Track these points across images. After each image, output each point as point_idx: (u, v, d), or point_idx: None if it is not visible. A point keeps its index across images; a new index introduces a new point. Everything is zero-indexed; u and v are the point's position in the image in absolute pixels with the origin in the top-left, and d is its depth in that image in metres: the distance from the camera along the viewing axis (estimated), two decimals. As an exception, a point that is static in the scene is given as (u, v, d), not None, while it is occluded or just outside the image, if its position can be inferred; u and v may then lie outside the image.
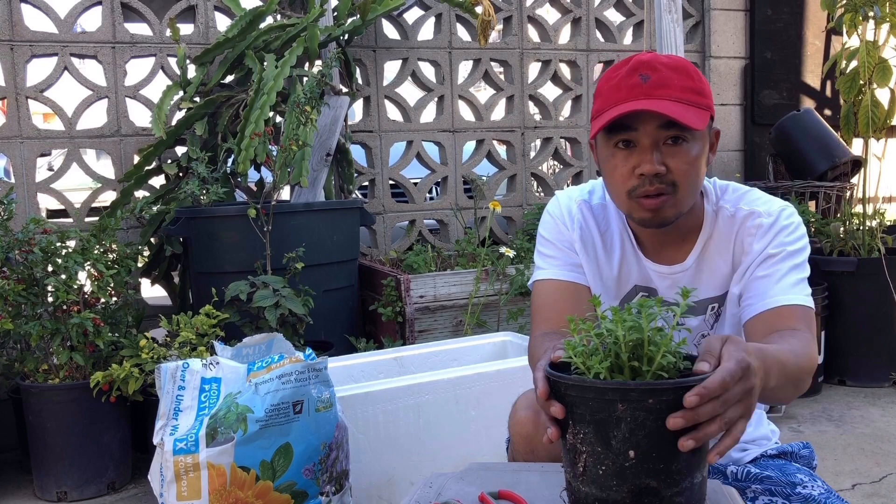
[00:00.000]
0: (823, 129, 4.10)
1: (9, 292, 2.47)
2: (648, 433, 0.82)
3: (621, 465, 0.83)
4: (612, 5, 4.18)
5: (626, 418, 0.82)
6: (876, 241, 3.40)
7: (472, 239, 3.48)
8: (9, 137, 3.09)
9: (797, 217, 1.33)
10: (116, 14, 3.22)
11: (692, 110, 1.19)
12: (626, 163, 1.23)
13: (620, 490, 0.84)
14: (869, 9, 3.34)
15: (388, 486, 2.05)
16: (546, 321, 1.38)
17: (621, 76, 1.22)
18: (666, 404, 0.81)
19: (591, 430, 0.85)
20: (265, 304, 2.51)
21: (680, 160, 1.22)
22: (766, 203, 1.34)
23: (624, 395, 0.82)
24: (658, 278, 1.38)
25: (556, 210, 1.45)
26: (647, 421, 0.82)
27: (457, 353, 2.50)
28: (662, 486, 0.83)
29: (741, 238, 1.32)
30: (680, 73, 1.21)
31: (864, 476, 2.48)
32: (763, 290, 1.26)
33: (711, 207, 1.35)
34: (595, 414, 0.84)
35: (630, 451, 0.83)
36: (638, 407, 0.82)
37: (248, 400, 1.68)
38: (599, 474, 0.85)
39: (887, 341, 3.41)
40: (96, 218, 3.10)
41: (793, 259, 1.28)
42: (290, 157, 2.75)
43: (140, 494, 2.58)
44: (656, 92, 1.19)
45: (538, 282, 1.44)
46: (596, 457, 0.85)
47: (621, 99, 1.20)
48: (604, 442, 0.84)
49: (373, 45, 3.65)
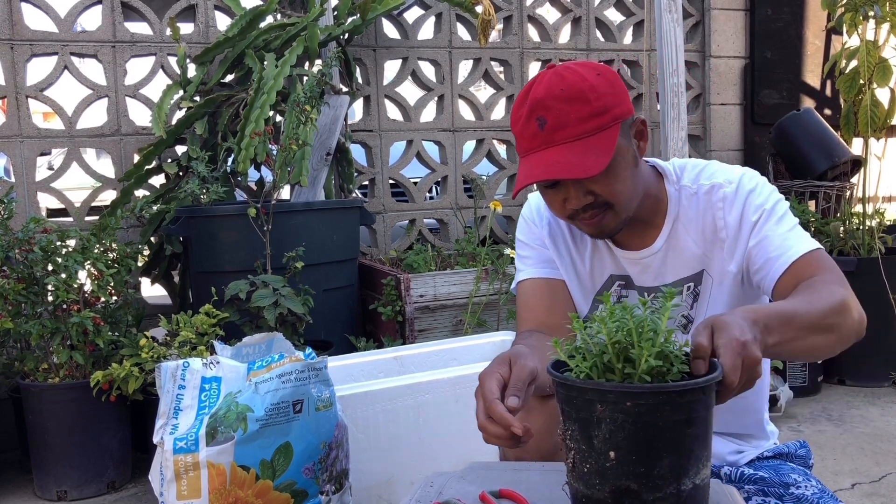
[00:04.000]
0: (823, 129, 4.10)
1: (9, 291, 2.47)
2: (627, 435, 0.82)
3: (603, 465, 0.84)
4: (613, 5, 4.18)
5: (606, 419, 0.82)
6: (876, 241, 3.40)
7: (472, 238, 3.48)
8: (9, 136, 3.09)
9: (759, 177, 1.34)
10: (116, 13, 3.22)
11: (592, 148, 1.19)
12: (555, 197, 1.27)
13: (602, 489, 0.84)
14: (869, 8, 3.34)
15: (388, 486, 2.05)
16: (525, 321, 1.41)
17: (522, 121, 1.23)
18: (645, 408, 0.81)
19: (576, 427, 0.86)
20: (263, 303, 2.51)
21: (603, 185, 1.23)
22: (726, 173, 1.35)
23: (602, 396, 0.83)
24: (629, 264, 1.39)
25: (527, 212, 1.49)
26: (626, 423, 0.81)
27: (457, 353, 2.50)
28: (643, 490, 0.83)
29: (710, 214, 1.33)
30: (574, 102, 1.19)
31: (864, 476, 2.48)
32: (766, 258, 1.26)
33: (674, 188, 1.36)
34: (579, 412, 0.85)
35: (610, 451, 0.83)
36: (616, 409, 0.82)
37: (248, 399, 1.68)
38: (585, 472, 0.86)
39: (887, 341, 3.41)
40: (96, 217, 3.10)
41: (774, 214, 1.28)
42: (290, 157, 2.75)
43: (140, 494, 2.58)
44: (554, 137, 1.20)
45: (518, 284, 1.47)
46: (582, 454, 0.86)
47: (527, 149, 1.24)
48: (587, 440, 0.85)
49: (373, 45, 3.65)
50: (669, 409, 0.82)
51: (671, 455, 0.82)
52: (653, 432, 0.82)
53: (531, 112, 1.22)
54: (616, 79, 1.25)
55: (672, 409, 0.82)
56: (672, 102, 3.36)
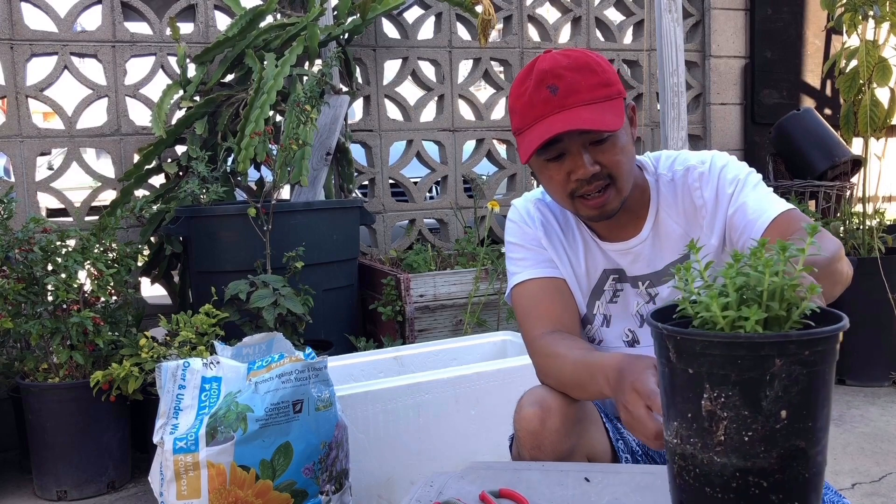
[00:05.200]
0: (823, 129, 4.10)
1: (9, 291, 2.47)
2: (802, 389, 0.75)
3: (771, 428, 0.76)
4: (613, 5, 4.18)
5: (782, 375, 0.75)
6: (876, 241, 3.40)
7: (471, 238, 3.48)
8: (8, 136, 3.09)
9: (729, 155, 1.39)
10: (116, 13, 3.22)
11: (607, 109, 1.23)
12: (559, 171, 1.29)
13: (769, 456, 0.77)
14: (868, 8, 3.34)
15: (388, 486, 2.05)
16: (541, 320, 1.37)
17: (530, 91, 1.25)
18: (820, 356, 0.76)
19: (736, 391, 0.76)
20: (262, 303, 2.50)
21: (610, 154, 1.27)
22: (697, 156, 1.40)
23: (782, 349, 0.74)
24: (620, 256, 1.41)
25: (516, 215, 1.48)
26: (801, 375, 0.75)
27: (456, 353, 2.50)
28: (809, 446, 0.77)
29: (688, 195, 1.37)
30: (583, 71, 1.24)
31: (864, 475, 2.48)
32: (745, 221, 1.29)
33: (652, 178, 1.41)
34: (745, 373, 0.75)
35: (782, 410, 0.75)
36: (795, 361, 0.75)
37: (248, 399, 1.68)
38: (745, 441, 0.77)
39: (887, 341, 3.41)
40: (96, 217, 3.10)
41: (749, 183, 1.33)
42: (290, 157, 2.75)
43: (140, 494, 2.58)
44: (568, 101, 1.23)
45: (517, 286, 1.43)
46: (741, 421, 0.76)
47: (538, 116, 1.24)
48: (752, 404, 0.76)
49: (373, 45, 3.65)
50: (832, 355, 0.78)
51: (828, 403, 0.79)
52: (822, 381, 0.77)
53: (540, 81, 1.24)
54: (610, 64, 1.31)
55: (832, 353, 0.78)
56: (672, 102, 3.36)
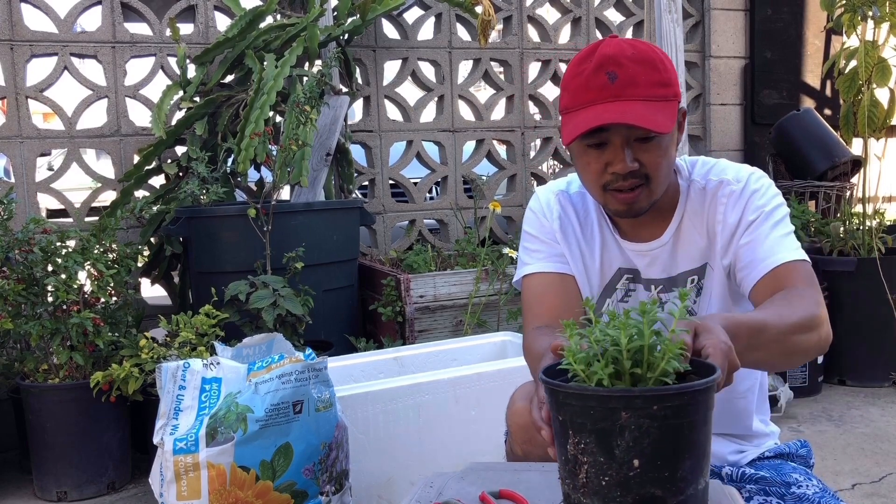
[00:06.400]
0: (823, 129, 4.10)
1: (9, 292, 2.47)
2: (653, 441, 0.80)
3: (625, 475, 0.81)
4: (612, 5, 4.18)
5: (631, 426, 0.79)
6: (875, 241, 3.40)
7: (472, 239, 3.48)
8: (8, 137, 3.09)
9: (767, 179, 1.36)
10: (116, 14, 3.22)
11: (661, 110, 1.20)
12: (598, 160, 1.26)
13: (625, 500, 0.82)
14: (868, 9, 3.34)
15: (388, 486, 2.04)
16: (536, 316, 1.39)
17: (588, 73, 1.22)
18: (671, 410, 0.79)
19: (592, 439, 0.82)
20: (262, 304, 2.50)
21: (652, 155, 1.24)
22: (735, 171, 1.37)
23: (628, 402, 0.80)
24: (637, 257, 1.40)
25: (536, 205, 1.47)
26: (652, 428, 0.79)
27: (456, 353, 2.50)
28: (667, 495, 0.81)
29: (714, 208, 1.34)
30: (646, 66, 1.21)
31: (864, 476, 2.48)
32: (752, 258, 1.27)
33: (685, 183, 1.38)
34: (597, 423, 0.81)
35: (634, 459, 0.80)
36: (642, 414, 0.79)
37: (248, 400, 1.68)
38: (602, 485, 0.82)
39: (887, 341, 3.41)
40: (96, 218, 3.10)
41: (772, 218, 1.30)
42: (289, 157, 2.75)
43: (140, 494, 2.58)
44: (625, 92, 1.19)
45: (526, 277, 1.45)
46: (598, 467, 0.82)
47: (590, 101, 1.21)
48: (606, 451, 0.81)
49: (373, 45, 3.65)
50: (692, 409, 0.81)
51: (692, 455, 0.81)
52: (677, 434, 0.80)
53: (600, 66, 1.20)
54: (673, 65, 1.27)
55: (693, 408, 0.81)
56: (672, 103, 3.35)
